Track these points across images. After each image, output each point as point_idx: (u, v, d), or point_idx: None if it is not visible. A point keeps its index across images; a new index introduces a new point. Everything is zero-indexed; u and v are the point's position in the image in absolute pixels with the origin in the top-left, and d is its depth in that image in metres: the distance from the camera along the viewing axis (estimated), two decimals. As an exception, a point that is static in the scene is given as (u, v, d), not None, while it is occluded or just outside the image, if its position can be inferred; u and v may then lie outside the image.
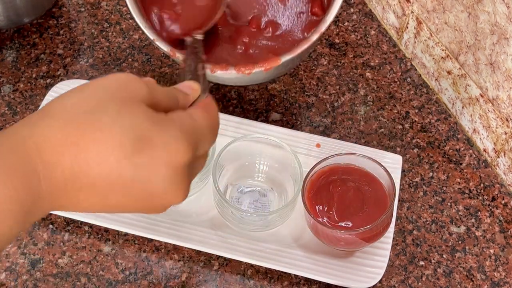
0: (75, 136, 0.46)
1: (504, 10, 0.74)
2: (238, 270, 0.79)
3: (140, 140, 0.46)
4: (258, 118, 0.90)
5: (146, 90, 0.49)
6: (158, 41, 0.74)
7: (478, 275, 0.79)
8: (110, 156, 0.46)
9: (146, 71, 0.93)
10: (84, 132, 0.46)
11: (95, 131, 0.46)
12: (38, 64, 0.94)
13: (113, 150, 0.46)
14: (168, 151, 0.47)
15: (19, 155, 0.45)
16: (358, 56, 0.95)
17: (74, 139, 0.46)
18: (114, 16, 0.99)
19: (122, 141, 0.46)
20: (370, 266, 0.77)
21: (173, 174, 0.48)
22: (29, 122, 0.47)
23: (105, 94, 0.48)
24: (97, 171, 0.46)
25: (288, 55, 0.73)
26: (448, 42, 0.86)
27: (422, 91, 0.93)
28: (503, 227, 0.82)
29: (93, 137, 0.46)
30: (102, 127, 0.46)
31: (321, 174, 0.77)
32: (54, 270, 0.78)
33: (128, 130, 0.46)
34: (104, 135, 0.46)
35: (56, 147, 0.46)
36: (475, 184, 0.85)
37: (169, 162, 0.47)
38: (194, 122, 0.51)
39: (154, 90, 0.50)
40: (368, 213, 0.74)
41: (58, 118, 0.46)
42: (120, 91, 0.48)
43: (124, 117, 0.47)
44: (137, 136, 0.46)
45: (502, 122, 0.82)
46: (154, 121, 0.48)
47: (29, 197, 0.45)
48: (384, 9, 0.97)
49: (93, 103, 0.47)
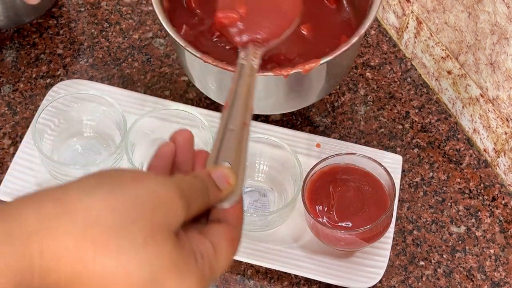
0: (88, 253, 0.41)
1: (504, 10, 0.74)
2: (238, 270, 0.79)
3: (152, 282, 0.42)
4: (258, 118, 0.90)
5: (183, 214, 0.44)
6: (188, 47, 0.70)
7: (478, 275, 0.79)
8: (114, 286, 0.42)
9: (146, 71, 0.93)
10: (100, 252, 0.41)
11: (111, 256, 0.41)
12: (38, 64, 0.94)
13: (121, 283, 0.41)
14: None
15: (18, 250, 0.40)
16: (358, 56, 0.95)
17: (85, 255, 0.41)
18: (114, 16, 0.99)
19: (133, 278, 0.42)
20: (370, 266, 0.77)
21: None
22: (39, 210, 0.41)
23: (138, 215, 0.42)
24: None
25: (328, 57, 0.71)
26: (448, 42, 0.86)
27: (422, 91, 0.93)
28: (503, 227, 0.82)
29: (106, 261, 0.41)
30: (119, 254, 0.41)
31: (321, 174, 0.77)
32: (54, 270, 0.78)
33: (145, 268, 0.41)
34: (118, 263, 0.41)
35: (63, 256, 0.41)
36: (475, 184, 0.85)
37: None
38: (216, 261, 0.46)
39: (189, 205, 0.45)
40: (368, 213, 0.74)
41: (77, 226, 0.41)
42: (155, 215, 0.43)
43: (148, 252, 0.42)
44: (151, 278, 0.42)
45: (502, 122, 0.82)
46: (175, 262, 0.43)
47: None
48: (384, 9, 0.97)
49: (121, 222, 0.41)
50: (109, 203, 0.42)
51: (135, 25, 0.97)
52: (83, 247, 0.41)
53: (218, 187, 0.48)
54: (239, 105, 0.56)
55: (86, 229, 0.41)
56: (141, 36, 0.96)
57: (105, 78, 0.93)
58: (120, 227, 0.41)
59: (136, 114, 0.84)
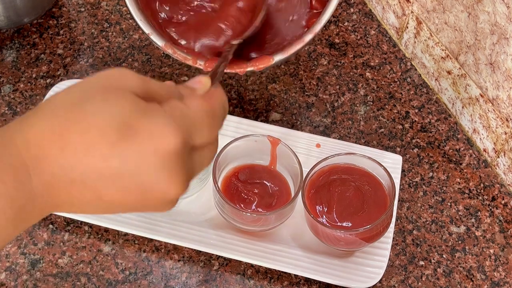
0: (61, 128, 0.44)
1: (504, 10, 0.74)
2: (238, 270, 0.79)
3: (124, 128, 0.44)
4: (258, 118, 0.90)
5: (138, 81, 0.47)
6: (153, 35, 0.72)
7: (478, 275, 0.79)
8: (95, 146, 0.44)
9: (146, 71, 0.94)
10: (70, 123, 0.44)
11: (80, 121, 0.44)
12: (38, 64, 0.94)
13: (98, 140, 0.44)
14: (153, 138, 0.44)
15: (8, 150, 0.44)
16: (358, 56, 0.95)
17: (59, 131, 0.44)
18: (114, 16, 0.99)
19: (105, 130, 0.44)
20: (370, 266, 0.77)
21: (162, 161, 0.44)
22: (21, 118, 0.46)
23: (93, 85, 0.46)
24: (84, 162, 0.44)
25: (280, 55, 0.73)
26: (448, 42, 0.87)
27: (422, 91, 0.93)
28: (503, 227, 0.82)
29: (78, 128, 0.44)
30: (86, 116, 0.44)
31: (321, 174, 0.77)
32: (54, 270, 0.78)
33: (112, 117, 0.44)
34: (89, 124, 0.44)
35: (42, 140, 0.44)
36: (475, 184, 0.85)
37: (156, 150, 0.44)
38: (187, 109, 0.47)
39: (148, 82, 0.48)
40: (368, 213, 0.75)
41: (46, 112, 0.45)
42: (109, 80, 0.46)
43: (110, 105, 0.44)
44: (121, 124, 0.44)
45: (502, 122, 0.82)
46: (140, 109, 0.45)
47: (20, 193, 0.43)
48: (384, 9, 0.97)
49: (81, 95, 0.45)
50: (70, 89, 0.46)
51: (135, 25, 0.97)
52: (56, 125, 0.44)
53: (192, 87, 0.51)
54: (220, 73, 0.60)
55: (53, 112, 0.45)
56: (141, 36, 0.97)
57: (105, 78, 0.93)
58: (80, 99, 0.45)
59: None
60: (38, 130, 0.44)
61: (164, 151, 0.44)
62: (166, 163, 0.45)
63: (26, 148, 0.44)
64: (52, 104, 0.45)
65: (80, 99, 0.45)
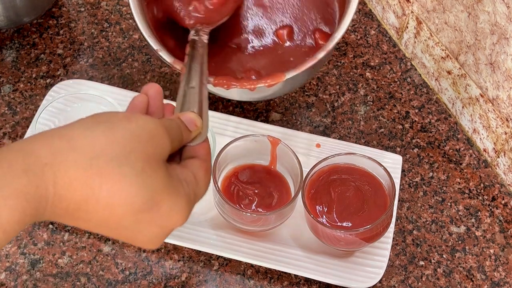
0: (95, 180, 0.47)
1: (504, 10, 0.74)
2: (238, 270, 0.79)
3: (150, 202, 0.49)
4: (258, 118, 0.90)
5: (169, 147, 0.52)
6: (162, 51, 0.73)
7: (478, 275, 0.79)
8: (118, 208, 0.48)
9: (146, 71, 0.94)
10: (105, 179, 0.47)
11: (115, 182, 0.47)
12: (38, 64, 0.94)
13: (124, 204, 0.48)
14: (169, 219, 0.51)
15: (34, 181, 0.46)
16: (358, 56, 0.95)
17: (92, 183, 0.47)
18: (114, 16, 0.99)
19: (135, 200, 0.48)
20: (370, 266, 0.77)
21: (161, 234, 0.52)
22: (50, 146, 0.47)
23: (134, 146, 0.49)
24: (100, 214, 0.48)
25: (292, 72, 0.72)
26: (448, 42, 0.87)
27: (422, 91, 0.93)
28: (503, 227, 0.82)
29: (110, 186, 0.47)
30: (122, 180, 0.48)
31: (321, 174, 0.77)
32: (54, 270, 0.78)
33: (144, 190, 0.48)
34: (122, 187, 0.48)
35: (73, 185, 0.47)
36: (475, 184, 0.85)
37: (165, 226, 0.51)
38: (198, 188, 0.54)
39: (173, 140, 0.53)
40: (368, 213, 0.75)
41: (84, 158, 0.47)
42: (148, 146, 0.50)
43: (146, 177, 0.49)
44: (149, 198, 0.49)
45: (502, 122, 0.82)
46: (168, 186, 0.50)
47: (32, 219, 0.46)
48: (384, 9, 0.97)
49: (121, 152, 0.48)
50: (109, 137, 0.49)
51: (135, 25, 0.97)
52: (91, 176, 0.47)
53: (188, 128, 0.56)
54: (196, 68, 0.66)
55: (92, 160, 0.47)
56: (141, 36, 0.96)
57: (105, 78, 0.93)
58: (120, 157, 0.48)
59: (136, 114, 0.84)
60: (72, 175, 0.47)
61: (169, 228, 0.52)
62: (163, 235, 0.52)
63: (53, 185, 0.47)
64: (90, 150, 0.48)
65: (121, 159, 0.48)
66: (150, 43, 0.74)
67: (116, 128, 0.49)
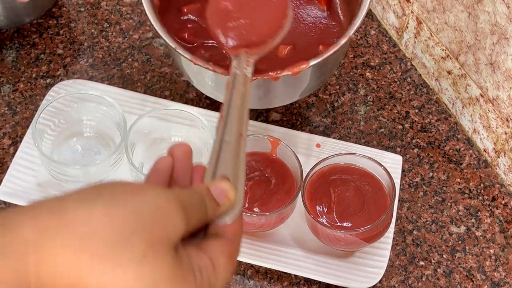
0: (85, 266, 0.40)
1: (504, 10, 0.74)
2: (238, 270, 0.79)
3: None
4: (258, 118, 0.90)
5: (183, 227, 0.43)
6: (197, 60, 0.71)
7: (478, 275, 0.79)
8: None
9: (146, 71, 0.93)
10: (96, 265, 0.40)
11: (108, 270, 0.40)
12: (38, 64, 0.94)
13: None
14: None
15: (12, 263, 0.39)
16: (358, 56, 0.95)
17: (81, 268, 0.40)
18: (114, 16, 0.99)
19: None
20: (370, 266, 0.77)
21: None
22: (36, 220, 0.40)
23: (138, 226, 0.41)
24: None
25: (316, 59, 0.72)
26: (448, 42, 0.86)
27: (422, 91, 0.93)
28: (503, 227, 0.82)
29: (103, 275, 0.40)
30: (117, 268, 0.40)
31: (321, 174, 0.77)
32: (54, 270, 0.78)
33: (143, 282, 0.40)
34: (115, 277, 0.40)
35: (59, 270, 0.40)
36: (475, 184, 0.85)
37: None
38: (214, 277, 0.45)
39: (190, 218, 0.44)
40: (368, 213, 0.75)
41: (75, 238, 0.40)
42: (155, 227, 0.42)
43: (147, 265, 0.40)
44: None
45: (502, 122, 0.82)
46: (173, 276, 0.42)
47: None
48: (384, 9, 0.97)
49: (121, 234, 0.40)
50: (108, 215, 0.41)
51: (135, 25, 0.97)
52: (80, 259, 0.40)
53: (217, 202, 0.47)
54: (234, 116, 0.54)
55: (84, 241, 0.40)
56: (141, 36, 0.96)
57: (105, 78, 0.93)
58: (118, 239, 0.40)
59: (136, 114, 0.84)
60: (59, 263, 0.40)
61: None
62: None
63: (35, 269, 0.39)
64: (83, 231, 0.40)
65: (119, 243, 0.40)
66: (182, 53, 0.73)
67: (119, 204, 0.42)
